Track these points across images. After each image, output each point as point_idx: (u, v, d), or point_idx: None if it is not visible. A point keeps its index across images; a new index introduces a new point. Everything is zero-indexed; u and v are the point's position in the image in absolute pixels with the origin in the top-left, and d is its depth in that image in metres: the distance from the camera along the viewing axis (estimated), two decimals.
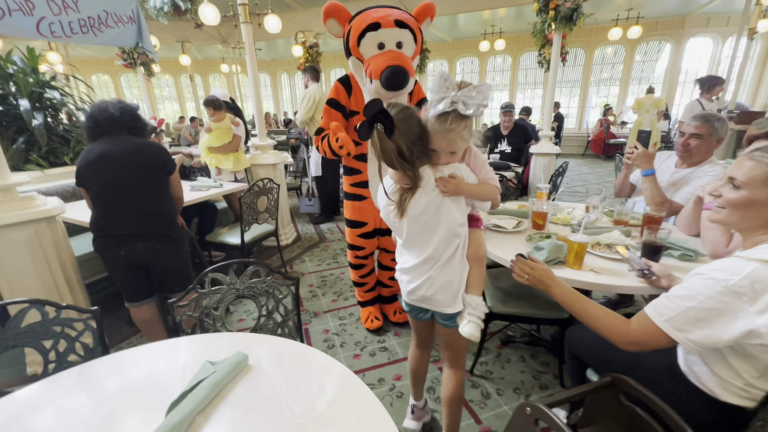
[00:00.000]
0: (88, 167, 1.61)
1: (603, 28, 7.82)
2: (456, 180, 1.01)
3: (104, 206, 1.64)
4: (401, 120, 0.95)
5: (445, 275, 1.08)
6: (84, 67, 10.64)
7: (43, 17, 2.78)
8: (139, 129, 1.73)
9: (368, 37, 1.52)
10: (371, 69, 1.51)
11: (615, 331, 0.94)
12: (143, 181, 1.67)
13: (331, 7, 1.60)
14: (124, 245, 1.65)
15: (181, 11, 4.82)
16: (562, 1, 2.95)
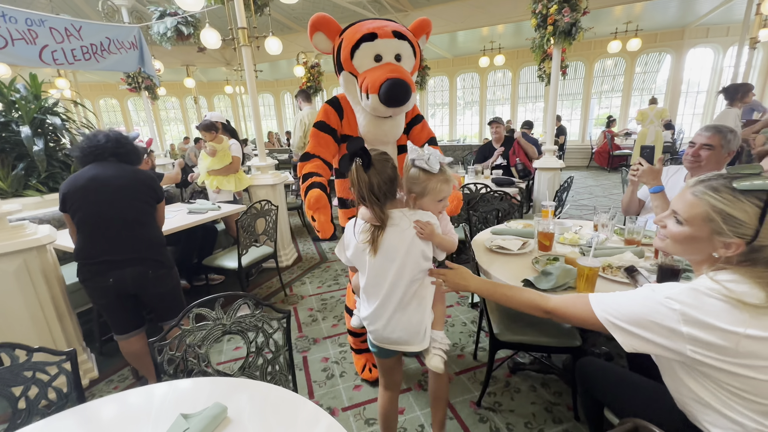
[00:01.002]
0: (76, 192, 1.56)
1: (602, 41, 7.86)
2: (431, 227, 1.10)
3: (91, 231, 1.58)
4: (378, 160, 1.07)
5: (407, 316, 1.13)
6: (92, 91, 10.90)
7: (45, 45, 2.82)
8: (125, 154, 1.70)
9: (363, 48, 1.34)
10: (368, 82, 1.31)
11: (532, 304, 1.01)
12: (133, 205, 1.64)
13: (319, 20, 1.41)
14: (112, 271, 1.58)
15: (183, 36, 4.92)
16: (560, 17, 2.93)
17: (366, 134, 1.51)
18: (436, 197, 1.11)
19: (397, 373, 1.31)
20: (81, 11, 6.53)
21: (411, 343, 1.15)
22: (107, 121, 11.84)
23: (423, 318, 1.15)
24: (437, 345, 1.15)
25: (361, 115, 1.51)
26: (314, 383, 1.91)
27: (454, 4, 6.40)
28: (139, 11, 6.35)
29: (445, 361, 1.15)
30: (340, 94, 1.57)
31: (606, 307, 0.87)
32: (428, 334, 1.16)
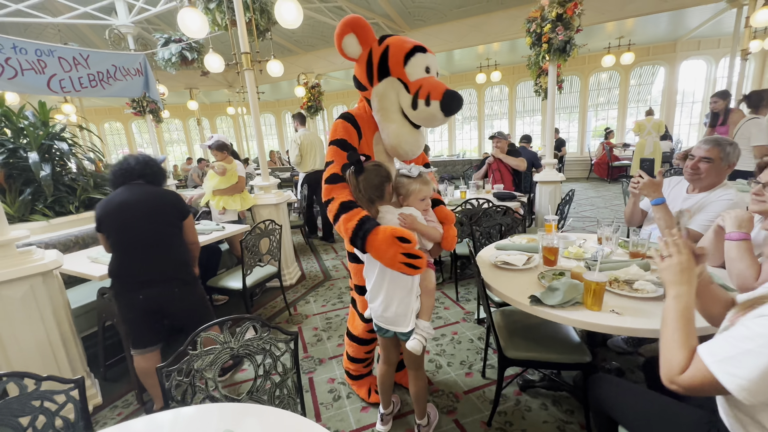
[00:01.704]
0: (109, 216, 1.72)
1: (596, 56, 8.03)
2: (413, 217, 1.35)
3: (122, 253, 1.73)
4: (369, 170, 1.34)
5: (396, 299, 1.37)
6: (97, 115, 11.12)
7: (54, 74, 2.91)
8: (151, 175, 1.83)
9: (418, 57, 1.36)
10: (428, 89, 1.33)
11: (668, 364, 0.83)
12: (160, 228, 1.76)
13: (354, 21, 1.36)
14: (142, 289, 1.71)
15: (188, 61, 5.06)
16: (554, 35, 3.01)
17: (403, 144, 1.44)
18: (418, 196, 1.39)
19: (393, 352, 1.58)
20: (88, 39, 6.73)
21: (399, 324, 1.39)
22: (112, 144, 12.04)
23: (410, 302, 1.36)
24: (420, 331, 1.36)
25: (398, 125, 1.43)
26: (321, 405, 1.88)
27: (450, 24, 6.58)
28: (145, 38, 6.54)
29: (423, 346, 1.36)
30: (353, 111, 1.50)
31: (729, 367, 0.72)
32: (413, 318, 1.37)
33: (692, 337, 0.82)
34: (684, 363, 0.79)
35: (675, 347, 0.82)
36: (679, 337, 0.82)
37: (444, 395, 1.88)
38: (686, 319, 0.84)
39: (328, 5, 5.68)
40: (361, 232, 1.26)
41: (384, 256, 1.23)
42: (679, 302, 0.86)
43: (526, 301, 1.32)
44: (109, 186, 1.83)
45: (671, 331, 0.84)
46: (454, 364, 2.12)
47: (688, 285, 0.88)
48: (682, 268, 0.90)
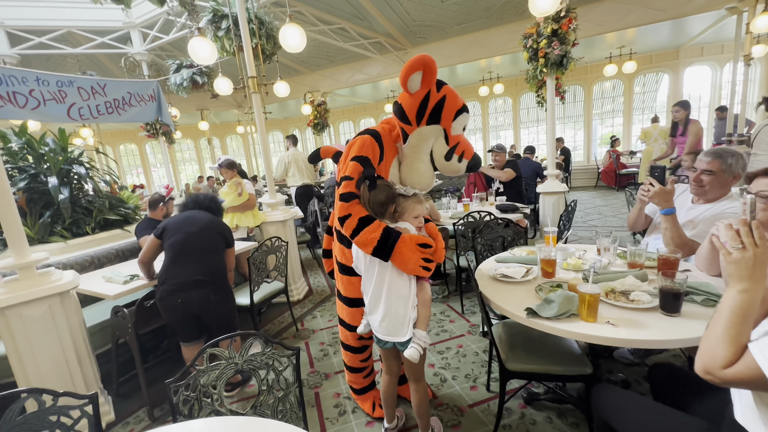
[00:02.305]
0: (175, 224, 2.10)
1: (598, 66, 8.08)
2: (406, 230, 1.43)
3: (174, 255, 2.03)
4: (380, 187, 1.45)
5: (393, 310, 1.43)
6: (113, 138, 11.54)
7: (73, 103, 3.08)
8: (213, 209, 2.28)
9: (463, 116, 1.52)
10: (464, 148, 1.53)
11: (710, 355, 0.82)
12: (207, 242, 2.10)
13: (429, 62, 1.41)
14: (182, 292, 1.95)
15: (198, 85, 5.28)
16: (551, 50, 3.08)
17: (422, 181, 1.60)
18: (412, 213, 1.49)
19: (394, 363, 1.62)
20: (105, 66, 7.06)
21: (397, 334, 1.44)
22: (127, 164, 12.43)
23: (406, 313, 1.42)
24: (417, 340, 1.41)
25: (425, 165, 1.57)
26: (326, 420, 1.90)
27: (451, 40, 6.74)
28: (158, 64, 6.85)
29: (420, 354, 1.40)
30: (379, 129, 1.57)
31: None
32: (410, 327, 1.42)
33: (746, 335, 0.79)
34: (731, 358, 0.78)
35: (725, 341, 0.80)
36: (734, 333, 0.79)
37: (448, 409, 1.88)
38: (747, 316, 0.80)
39: (332, 27, 5.88)
40: (390, 241, 1.38)
41: (409, 261, 1.38)
42: (745, 297, 0.81)
43: (522, 313, 1.34)
44: (178, 210, 2.26)
45: (726, 324, 0.81)
46: (458, 378, 2.13)
47: (760, 282, 0.81)
48: (756, 262, 0.82)
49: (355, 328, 1.67)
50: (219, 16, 3.62)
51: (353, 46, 6.46)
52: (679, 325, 1.18)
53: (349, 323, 1.75)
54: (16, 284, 1.77)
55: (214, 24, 3.69)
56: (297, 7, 5.28)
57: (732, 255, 0.85)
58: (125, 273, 2.32)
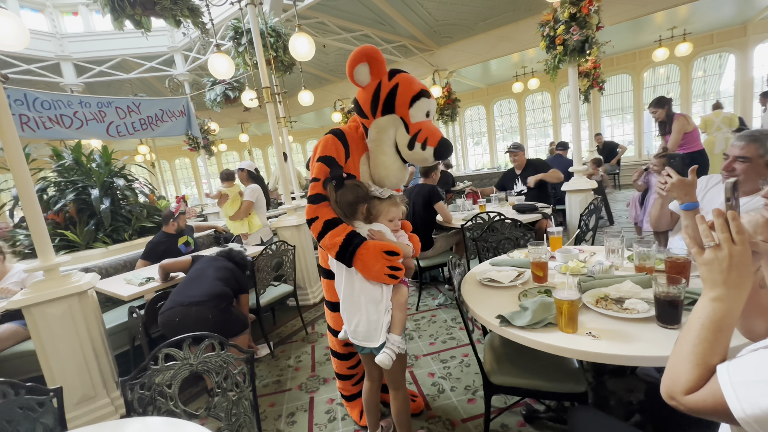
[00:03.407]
0: (204, 258, 2.43)
1: (647, 51, 7.37)
2: (380, 233, 1.39)
3: (189, 278, 2.25)
4: (348, 187, 1.40)
5: (366, 315, 1.37)
6: (169, 153, 12.65)
7: (111, 122, 3.41)
8: (240, 264, 2.51)
9: (422, 101, 1.43)
10: (426, 134, 1.41)
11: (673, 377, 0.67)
12: (221, 274, 2.29)
13: (370, 51, 1.40)
14: (182, 312, 2.04)
15: (230, 99, 5.60)
16: (569, 36, 2.85)
17: (390, 176, 1.51)
18: (386, 216, 1.43)
19: (374, 368, 1.52)
20: (155, 88, 7.78)
21: (370, 339, 1.38)
22: (181, 177, 13.57)
23: (379, 317, 1.36)
24: (390, 346, 1.34)
25: (390, 158, 1.50)
26: (315, 426, 1.87)
27: (477, 37, 6.53)
28: (198, 83, 7.40)
29: (393, 360, 1.32)
30: (344, 128, 1.53)
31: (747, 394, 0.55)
32: (383, 332, 1.35)
33: (716, 355, 0.63)
34: (695, 383, 0.63)
35: (690, 361, 0.65)
36: (702, 351, 0.64)
37: (440, 422, 1.77)
38: (720, 330, 0.64)
39: (355, 35, 5.97)
40: (351, 247, 1.33)
41: (371, 269, 1.32)
42: (718, 307, 0.65)
43: (495, 322, 1.22)
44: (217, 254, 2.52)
45: (694, 339, 0.65)
46: (458, 389, 2.00)
47: (737, 288, 0.64)
48: (733, 263, 0.64)
49: (336, 333, 1.63)
50: (239, 33, 3.82)
51: None
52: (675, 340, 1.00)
53: (334, 328, 1.71)
54: (41, 284, 1.97)
55: (235, 40, 3.90)
56: (319, 18, 5.43)
57: (703, 254, 0.69)
58: (143, 275, 2.50)
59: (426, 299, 3.27)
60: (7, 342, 2.38)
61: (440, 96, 6.86)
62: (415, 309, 3.09)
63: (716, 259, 0.66)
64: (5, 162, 1.92)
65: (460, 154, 9.49)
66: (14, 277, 2.50)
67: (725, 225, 0.67)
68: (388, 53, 6.70)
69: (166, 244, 3.02)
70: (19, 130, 2.88)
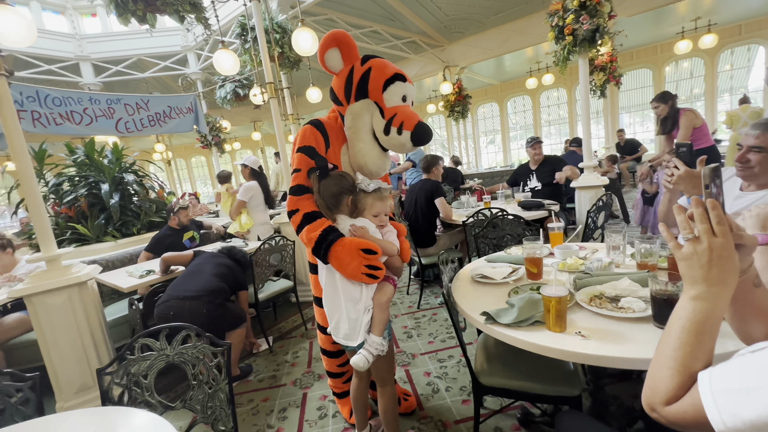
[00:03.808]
0: (204, 254, 2.43)
1: (668, 44, 7.07)
2: (363, 229, 1.32)
3: (186, 274, 2.25)
4: (331, 178, 1.35)
5: (346, 312, 1.33)
6: (185, 151, 12.95)
7: (120, 118, 3.48)
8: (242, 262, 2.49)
9: (397, 85, 1.38)
10: (402, 118, 1.35)
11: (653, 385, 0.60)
12: (219, 271, 2.27)
13: (341, 36, 1.39)
14: (177, 306, 2.05)
15: (240, 97, 5.65)
16: (578, 25, 2.73)
17: (369, 164, 1.45)
18: (371, 211, 1.37)
19: None
20: (168, 86, 7.95)
21: (350, 339, 1.34)
22: (197, 175, 13.87)
23: (358, 317, 1.32)
24: (367, 347, 1.30)
25: (367, 146, 1.44)
26: (306, 422, 1.85)
27: (489, 32, 6.39)
28: (211, 82, 7.51)
29: (369, 362, 1.29)
30: (323, 119, 1.50)
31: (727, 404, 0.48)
32: (362, 332, 1.31)
33: (699, 360, 0.56)
34: (675, 392, 0.56)
35: (670, 367, 0.58)
36: (683, 355, 0.57)
37: (432, 423, 1.72)
38: (702, 333, 0.57)
39: (364, 31, 5.93)
40: (325, 243, 1.29)
41: (347, 267, 1.26)
42: (699, 307, 0.58)
43: (480, 319, 1.16)
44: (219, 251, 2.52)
45: (674, 344, 0.58)
46: (453, 389, 1.94)
47: (720, 285, 0.58)
48: (713, 257, 0.57)
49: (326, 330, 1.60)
50: (245, 30, 3.84)
51: (387, 47, 6.44)
52: None
53: (322, 325, 1.67)
54: (42, 275, 2.01)
55: (242, 37, 3.93)
56: (327, 15, 5.41)
57: (682, 249, 0.62)
58: (145, 268, 2.53)
59: (429, 297, 3.21)
60: (15, 331, 2.46)
61: (450, 92, 6.76)
62: (416, 307, 3.03)
63: (695, 253, 0.59)
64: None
65: (471, 152, 9.34)
66: (22, 269, 2.57)
67: (705, 215, 0.60)
68: (398, 50, 6.63)
69: (172, 239, 3.06)
70: (31, 126, 2.99)
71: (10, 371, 1.09)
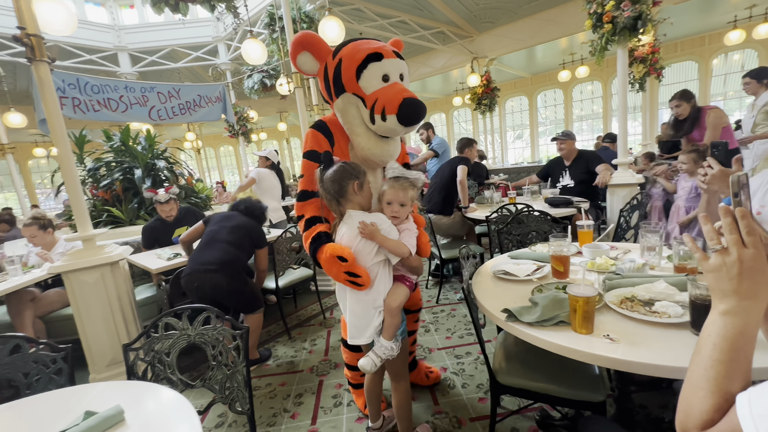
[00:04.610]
0: (218, 217, 2.41)
1: (718, 34, 6.58)
2: (373, 228, 1.25)
3: (204, 243, 2.26)
4: (335, 171, 1.30)
5: (357, 307, 1.30)
6: (215, 141, 13.32)
7: (153, 106, 3.60)
8: (256, 215, 2.47)
9: (371, 68, 1.32)
10: (383, 103, 1.29)
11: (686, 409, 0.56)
12: (235, 237, 2.28)
13: (306, 38, 1.38)
14: (198, 275, 2.12)
15: (267, 87, 5.73)
16: (619, 12, 2.56)
17: (371, 156, 1.44)
18: (384, 198, 1.35)
19: None
20: (200, 76, 8.16)
21: (359, 337, 1.32)
22: (225, 164, 14.27)
23: (369, 317, 1.30)
24: (377, 350, 1.29)
25: (363, 138, 1.41)
26: (321, 408, 1.87)
27: (521, 21, 6.16)
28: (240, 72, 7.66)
29: (375, 365, 1.28)
30: (325, 118, 1.51)
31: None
32: (371, 333, 1.30)
33: (735, 380, 0.52)
34: (711, 414, 0.52)
35: (703, 388, 0.54)
36: (716, 375, 0.53)
37: (447, 418, 1.70)
38: (735, 350, 0.53)
39: (391, 21, 5.85)
40: (311, 250, 1.35)
41: (330, 273, 1.28)
42: (732, 322, 0.54)
43: (501, 316, 1.12)
44: (228, 208, 2.50)
45: (705, 363, 0.54)
46: (469, 386, 1.90)
47: (752, 299, 0.54)
48: (744, 269, 0.53)
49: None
50: (273, 20, 3.87)
51: (414, 38, 6.33)
52: None
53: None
54: (78, 253, 2.12)
55: (270, 27, 3.96)
56: (355, 5, 5.36)
57: (709, 260, 0.57)
58: (173, 251, 2.62)
59: (448, 292, 3.17)
60: (54, 305, 2.62)
61: (478, 85, 6.58)
62: (435, 302, 3.00)
63: (724, 265, 0.55)
64: None
65: (498, 146, 9.10)
66: (60, 247, 2.72)
67: (734, 225, 0.55)
68: (425, 40, 6.51)
69: (159, 232, 2.96)
70: (72, 112, 3.14)
71: (46, 342, 1.15)
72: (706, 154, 2.59)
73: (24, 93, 7.26)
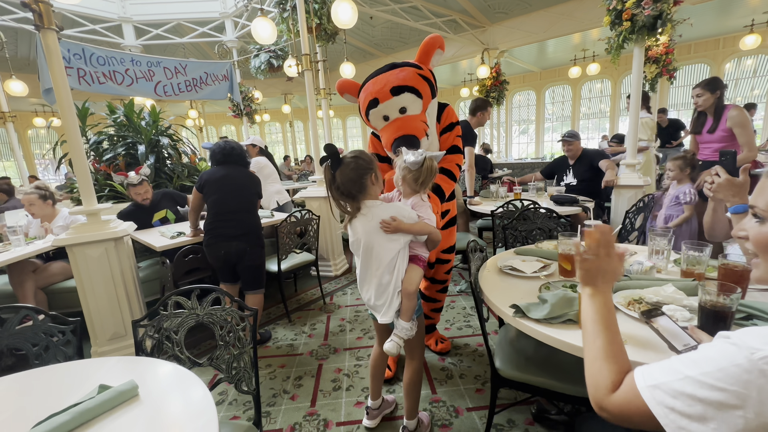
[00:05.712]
0: (215, 182, 2.25)
1: (733, 38, 6.49)
2: (396, 222, 1.28)
3: (216, 212, 2.24)
4: (347, 164, 1.28)
5: (376, 291, 1.34)
6: (217, 119, 13.17)
7: (159, 81, 3.54)
8: (242, 162, 2.38)
9: (372, 114, 1.63)
10: (384, 142, 1.65)
11: (594, 383, 0.64)
12: (245, 200, 2.30)
13: (341, 86, 1.80)
14: (225, 243, 2.22)
15: (274, 68, 5.63)
16: (639, 10, 2.52)
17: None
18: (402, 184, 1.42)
19: (385, 335, 1.44)
20: (204, 52, 8.02)
21: (377, 311, 1.36)
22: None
23: (389, 297, 1.33)
24: (398, 332, 1.33)
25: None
26: (320, 392, 1.90)
27: (536, 13, 6.04)
28: (246, 51, 7.51)
29: (400, 346, 1.33)
30: None
31: (654, 381, 0.54)
32: (390, 313, 1.33)
33: (617, 344, 0.67)
34: (611, 377, 0.61)
35: (599, 357, 0.66)
36: (602, 343, 0.67)
37: (444, 407, 1.73)
38: (607, 318, 0.71)
39: (403, 6, 5.73)
40: None
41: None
42: (598, 300, 0.74)
43: (509, 312, 1.13)
44: (210, 159, 2.39)
45: (592, 336, 0.70)
46: (467, 377, 1.94)
47: (596, 284, 0.77)
48: (594, 269, 0.78)
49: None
50: None
51: (425, 25, 6.21)
52: None
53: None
54: (83, 227, 2.12)
55: (281, 6, 3.86)
56: None
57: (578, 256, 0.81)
58: (175, 230, 2.62)
59: None
60: (57, 277, 2.62)
61: (487, 77, 6.49)
62: None
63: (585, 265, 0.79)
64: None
65: (503, 140, 9.04)
66: (61, 220, 2.71)
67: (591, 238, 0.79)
68: (436, 28, 6.39)
69: (136, 216, 2.71)
70: (76, 83, 3.09)
71: (54, 314, 1.16)
72: (693, 162, 2.53)
73: (24, 60, 7.12)
